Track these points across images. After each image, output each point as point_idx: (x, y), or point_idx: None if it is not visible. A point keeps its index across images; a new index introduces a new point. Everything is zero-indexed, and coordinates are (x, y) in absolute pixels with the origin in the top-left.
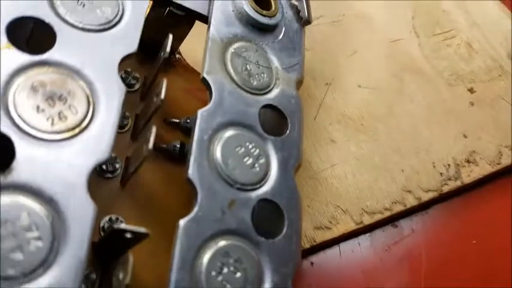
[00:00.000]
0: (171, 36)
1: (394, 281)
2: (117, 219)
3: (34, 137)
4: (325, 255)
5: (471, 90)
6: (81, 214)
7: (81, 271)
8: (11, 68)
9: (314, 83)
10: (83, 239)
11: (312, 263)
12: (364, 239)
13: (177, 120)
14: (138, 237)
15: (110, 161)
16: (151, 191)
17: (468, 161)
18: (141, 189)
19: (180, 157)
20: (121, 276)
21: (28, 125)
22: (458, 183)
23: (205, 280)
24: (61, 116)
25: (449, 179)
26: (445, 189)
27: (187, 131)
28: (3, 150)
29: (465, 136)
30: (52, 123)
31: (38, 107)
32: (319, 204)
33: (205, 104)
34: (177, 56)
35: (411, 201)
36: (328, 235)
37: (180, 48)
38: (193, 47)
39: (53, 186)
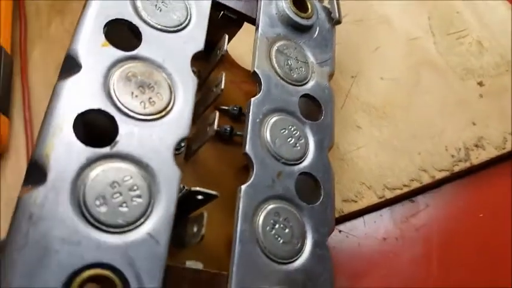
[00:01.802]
0: (226, 36)
1: (410, 247)
2: (183, 187)
3: (132, 117)
4: (351, 225)
5: (480, 84)
6: (170, 178)
7: (171, 222)
8: (109, 62)
9: (341, 75)
10: (172, 197)
11: (340, 231)
12: (385, 212)
13: (226, 108)
14: (208, 198)
15: None
16: (207, 166)
17: (477, 146)
18: (199, 164)
19: (229, 139)
20: (195, 229)
21: (126, 107)
22: (467, 164)
23: (262, 233)
24: (151, 101)
25: (460, 161)
26: (456, 169)
27: (235, 117)
28: (110, 127)
29: (474, 124)
30: (144, 107)
31: (132, 93)
32: (346, 181)
33: (248, 94)
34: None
35: (426, 179)
36: (354, 207)
37: None
38: (234, 45)
39: (148, 156)
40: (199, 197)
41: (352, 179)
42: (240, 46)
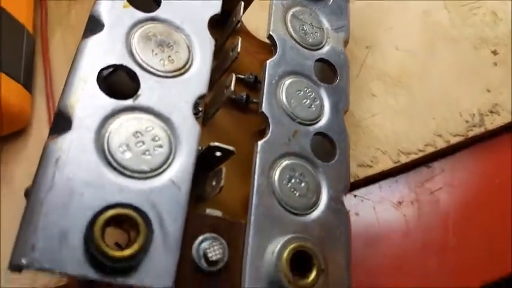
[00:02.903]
0: (242, 3)
1: (425, 211)
2: (202, 147)
3: (152, 74)
4: (367, 190)
5: (494, 52)
6: (190, 131)
7: (191, 171)
8: (130, 22)
9: (356, 46)
10: (192, 148)
11: (355, 195)
12: (400, 177)
13: (242, 76)
14: (225, 155)
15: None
16: (224, 131)
17: (491, 112)
18: (216, 129)
19: (245, 106)
20: (214, 183)
21: (147, 64)
22: (482, 129)
23: (278, 186)
24: (170, 59)
25: (474, 126)
26: (470, 134)
27: (250, 85)
28: (133, 83)
29: (488, 91)
30: (164, 64)
31: (152, 51)
32: (362, 147)
33: (263, 63)
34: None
35: (441, 144)
36: (370, 172)
37: None
38: (249, 18)
39: (168, 110)
40: (217, 153)
41: (367, 145)
42: (255, 19)
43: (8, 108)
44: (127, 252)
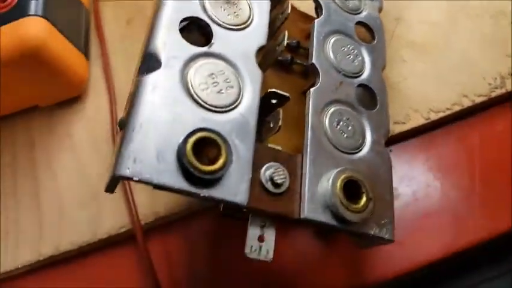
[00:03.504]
0: None
1: (454, 160)
2: None
3: (222, 26)
4: (401, 145)
5: None
6: (253, 75)
7: (257, 108)
8: None
9: (385, 18)
10: (256, 89)
11: (390, 150)
12: (431, 133)
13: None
14: (280, 102)
15: None
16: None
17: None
18: (264, 86)
19: (289, 65)
20: (271, 124)
21: (218, 18)
22: (503, 90)
23: (328, 127)
24: (235, 14)
25: (496, 88)
26: (493, 95)
27: (293, 49)
28: (206, 33)
29: (508, 56)
30: (231, 18)
31: (221, 7)
32: (396, 107)
33: (303, 31)
34: None
35: (467, 103)
36: (404, 128)
37: None
38: None
39: (236, 57)
40: (273, 101)
41: (400, 105)
42: None
43: (73, 73)
44: (213, 166)
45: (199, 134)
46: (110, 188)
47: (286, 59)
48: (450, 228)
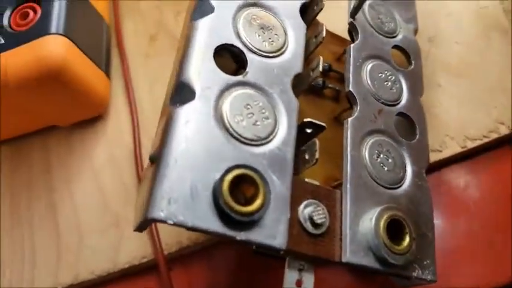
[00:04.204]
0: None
1: (490, 191)
2: None
3: (256, 53)
4: (437, 173)
5: None
6: (290, 105)
7: (294, 141)
8: (236, 6)
9: (419, 38)
10: (293, 120)
11: None
12: (467, 162)
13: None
14: (315, 131)
15: None
16: (302, 114)
17: None
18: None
19: (321, 90)
20: (307, 156)
21: (252, 45)
22: None
23: (368, 160)
24: (270, 41)
25: None
26: None
27: (325, 73)
28: (240, 61)
29: None
30: (265, 45)
31: (255, 33)
32: (431, 133)
33: (334, 54)
34: None
35: (504, 130)
36: (440, 156)
37: None
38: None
39: (271, 85)
40: (308, 130)
41: (436, 131)
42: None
43: (94, 93)
44: (251, 207)
45: (236, 172)
46: (140, 229)
47: (318, 84)
48: (486, 263)
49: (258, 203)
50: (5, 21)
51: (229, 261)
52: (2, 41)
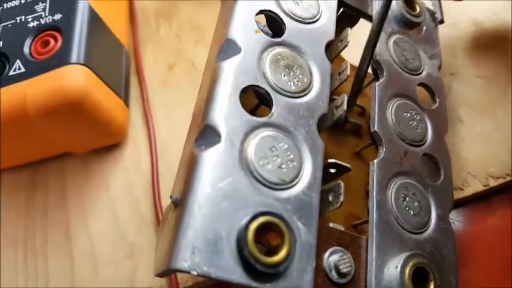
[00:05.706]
0: (349, 29)
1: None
2: None
3: (282, 94)
4: (458, 212)
5: None
6: (315, 147)
7: (319, 184)
8: (261, 46)
9: (442, 73)
10: (318, 162)
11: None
12: (490, 200)
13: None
14: (339, 172)
15: None
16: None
17: None
18: None
19: (343, 124)
20: (331, 198)
21: (278, 86)
22: None
23: (394, 204)
24: (296, 81)
25: None
26: None
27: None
28: (265, 101)
29: None
30: (291, 86)
31: (281, 74)
32: (454, 171)
33: None
34: None
35: None
36: (462, 194)
37: None
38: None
39: (296, 127)
40: (332, 170)
41: (458, 169)
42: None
43: (113, 122)
44: (276, 258)
45: (261, 220)
46: (162, 276)
47: (339, 119)
48: None
49: (283, 253)
50: (26, 50)
51: None
52: (23, 69)
